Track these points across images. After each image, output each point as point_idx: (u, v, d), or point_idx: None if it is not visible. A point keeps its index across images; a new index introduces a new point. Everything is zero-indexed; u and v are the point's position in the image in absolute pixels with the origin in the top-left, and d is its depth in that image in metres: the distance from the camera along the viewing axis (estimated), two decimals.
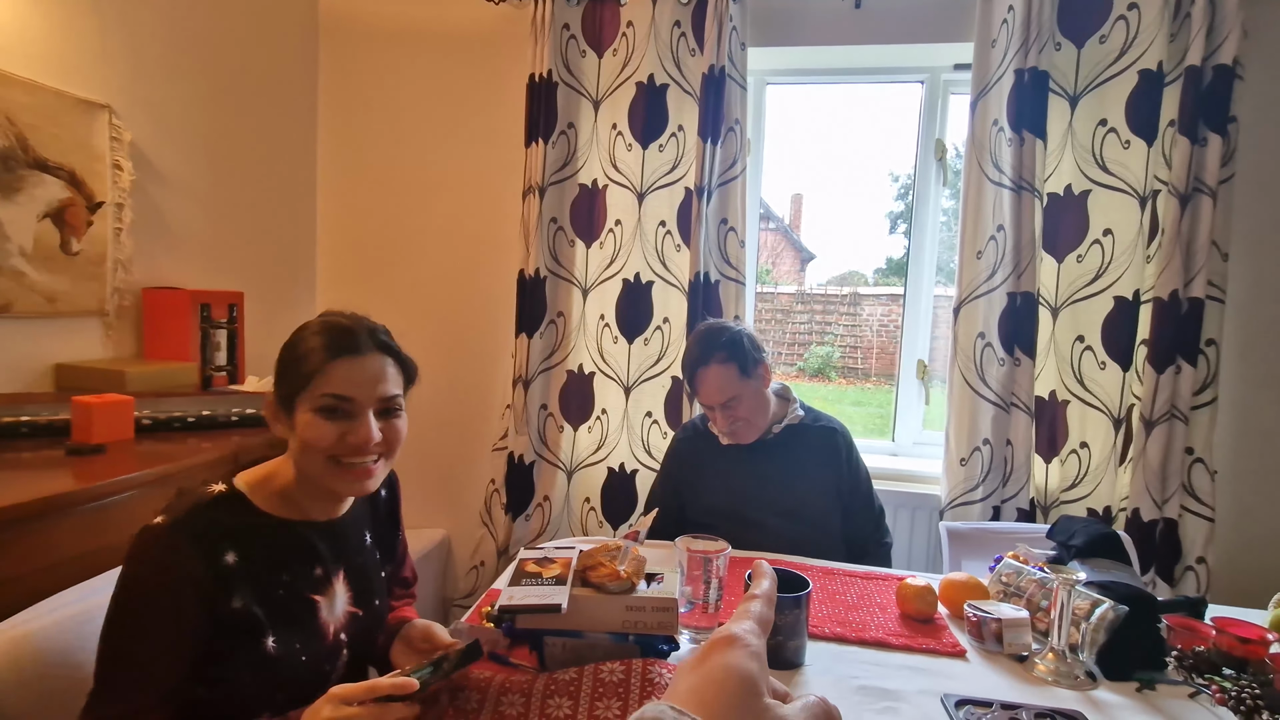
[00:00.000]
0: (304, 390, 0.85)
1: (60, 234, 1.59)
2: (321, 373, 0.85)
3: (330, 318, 0.91)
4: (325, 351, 0.86)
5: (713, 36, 2.00)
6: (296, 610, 0.85)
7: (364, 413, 0.87)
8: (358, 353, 0.87)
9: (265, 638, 0.80)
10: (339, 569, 0.92)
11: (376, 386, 0.88)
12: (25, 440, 1.31)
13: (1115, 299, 1.91)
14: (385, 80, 2.40)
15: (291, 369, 0.87)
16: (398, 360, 0.92)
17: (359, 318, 0.93)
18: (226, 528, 0.81)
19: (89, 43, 1.65)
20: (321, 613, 0.88)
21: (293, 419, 0.86)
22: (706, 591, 1.05)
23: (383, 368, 0.90)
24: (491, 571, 2.24)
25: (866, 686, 0.96)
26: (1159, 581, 1.84)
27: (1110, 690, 0.98)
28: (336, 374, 0.85)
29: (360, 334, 0.89)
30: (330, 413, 0.85)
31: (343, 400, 0.86)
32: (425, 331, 2.43)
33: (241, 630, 0.79)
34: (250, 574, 0.80)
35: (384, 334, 0.93)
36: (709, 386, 1.52)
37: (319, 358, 0.86)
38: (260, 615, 0.80)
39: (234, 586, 0.79)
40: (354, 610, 0.92)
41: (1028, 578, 1.17)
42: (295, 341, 0.89)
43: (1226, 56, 1.73)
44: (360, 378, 0.87)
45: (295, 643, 0.83)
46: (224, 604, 0.78)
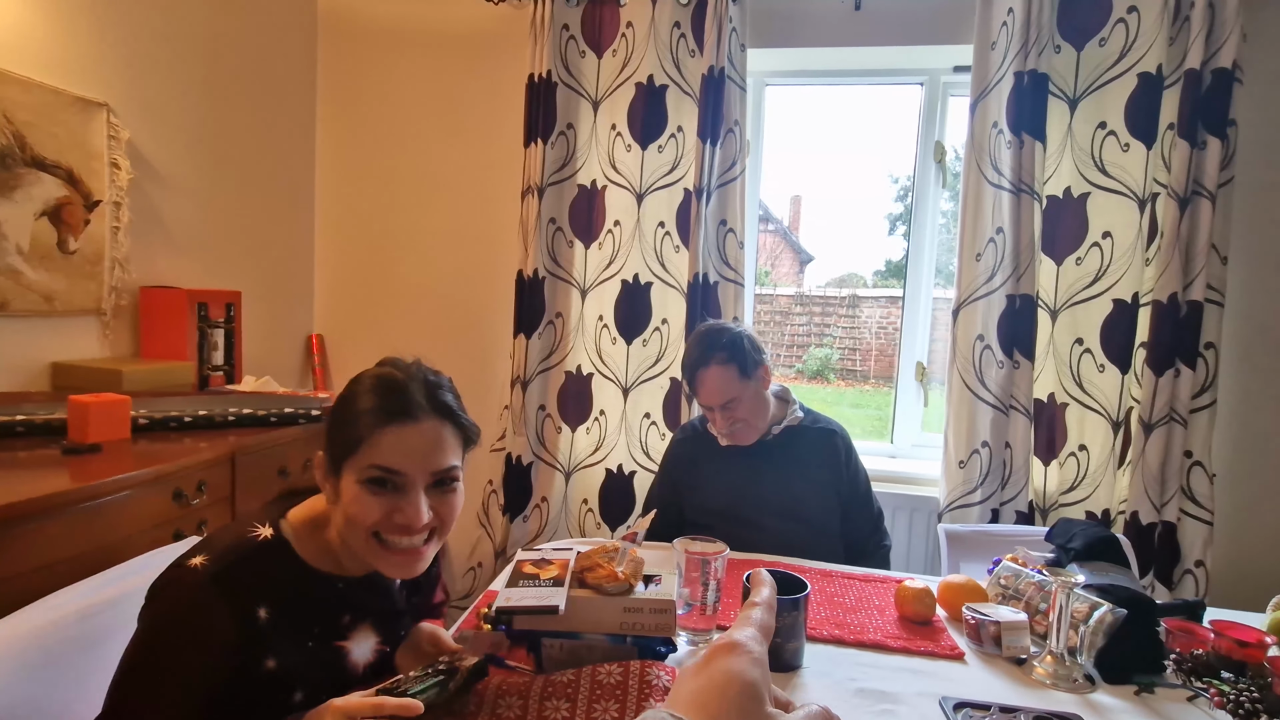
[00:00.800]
0: (350, 456, 0.78)
1: (57, 232, 1.59)
2: (369, 441, 0.77)
3: (387, 370, 0.83)
4: (375, 415, 0.78)
5: (712, 37, 2.00)
6: (326, 658, 0.82)
7: (415, 488, 0.79)
8: (412, 418, 0.79)
9: (294, 694, 0.78)
10: (367, 616, 0.88)
11: (431, 458, 0.80)
12: (21, 439, 1.31)
13: (1114, 301, 1.91)
14: (384, 80, 2.40)
15: (339, 430, 0.80)
16: (457, 425, 0.83)
17: (418, 370, 0.84)
18: (264, 581, 0.77)
19: (87, 41, 1.65)
20: (350, 657, 0.86)
21: (338, 484, 0.80)
22: (704, 593, 1.05)
23: (439, 435, 0.81)
24: (489, 573, 2.24)
25: (865, 689, 0.96)
26: (1158, 585, 1.84)
27: (1109, 693, 0.98)
28: (386, 443, 0.77)
29: (416, 394, 0.80)
30: (378, 485, 0.78)
31: (392, 474, 0.78)
32: (423, 331, 2.43)
33: (271, 689, 0.77)
34: (282, 628, 0.78)
35: (446, 391, 0.85)
36: (709, 387, 1.52)
37: (368, 422, 0.78)
38: (290, 673, 0.78)
39: (266, 645, 0.76)
40: (382, 648, 0.90)
41: (1026, 580, 1.17)
42: (348, 398, 0.81)
43: (1226, 60, 1.73)
44: (413, 448, 0.79)
45: (324, 695, 0.78)
46: (255, 662, 0.75)
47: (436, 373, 0.88)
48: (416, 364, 0.87)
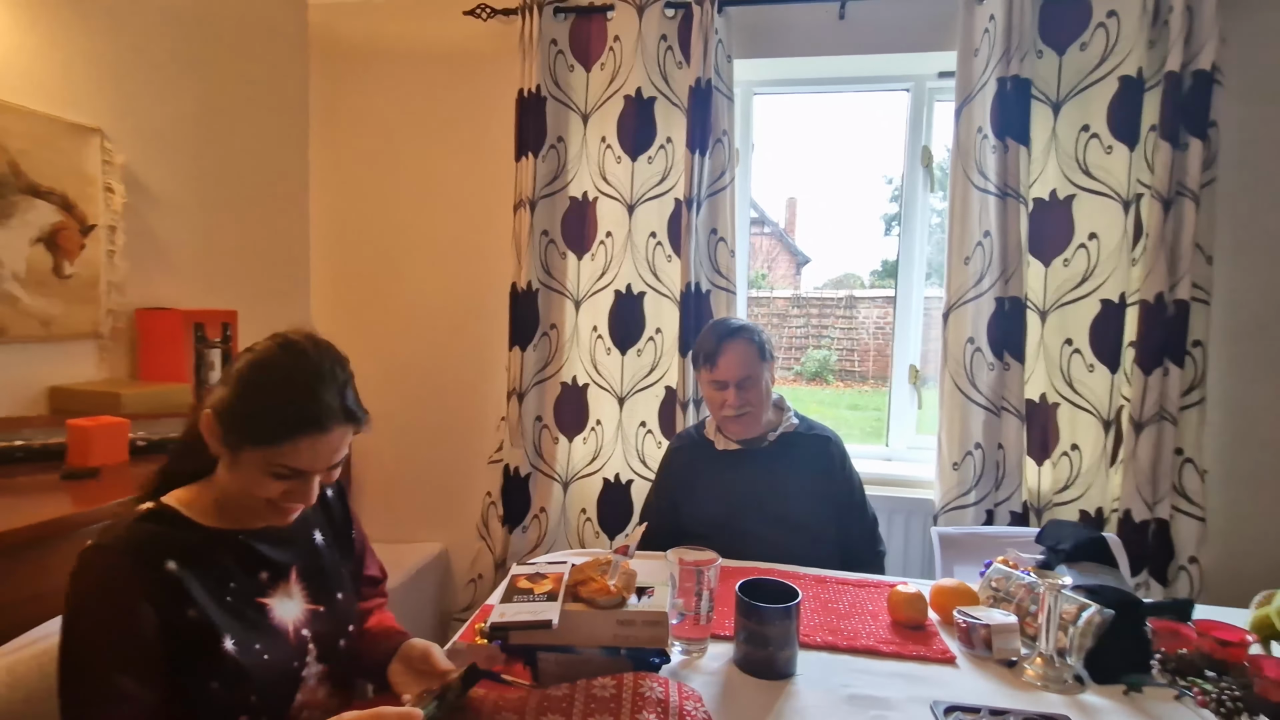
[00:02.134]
0: (256, 447, 0.81)
1: (53, 258, 1.60)
2: (280, 446, 0.80)
3: (301, 367, 0.83)
4: (290, 424, 0.80)
5: (699, 49, 2.02)
6: (249, 614, 0.84)
7: (310, 480, 0.85)
8: (324, 429, 0.82)
9: (223, 642, 0.79)
10: (288, 570, 0.91)
11: (332, 457, 0.85)
12: (21, 465, 1.32)
13: (1102, 302, 1.93)
14: (375, 98, 2.42)
15: (246, 417, 0.81)
16: (357, 424, 0.87)
17: (329, 364, 0.85)
18: (163, 539, 0.80)
19: (79, 67, 1.67)
20: (274, 614, 0.87)
21: (236, 456, 0.82)
22: (698, 603, 1.07)
23: (343, 436, 0.85)
24: (489, 584, 2.25)
25: (857, 695, 0.97)
26: (1152, 582, 1.85)
27: (1097, 694, 0.99)
28: (297, 450, 0.81)
29: (329, 399, 0.83)
30: (280, 477, 0.82)
31: (297, 472, 0.83)
32: (419, 346, 2.45)
33: (200, 638, 0.78)
34: (197, 581, 0.80)
35: (349, 389, 0.87)
36: (731, 358, 1.54)
37: (281, 428, 0.80)
38: (215, 621, 0.80)
39: (183, 595, 0.78)
40: (313, 607, 0.92)
41: (1016, 583, 1.19)
42: (258, 386, 0.82)
43: (1205, 63, 1.76)
44: (320, 453, 0.83)
45: (254, 644, 0.82)
46: (178, 613, 0.77)
47: (341, 361, 0.88)
48: (324, 353, 0.86)
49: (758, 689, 0.98)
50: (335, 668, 0.93)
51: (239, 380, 0.83)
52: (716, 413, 1.60)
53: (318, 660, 0.90)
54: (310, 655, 0.89)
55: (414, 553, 2.31)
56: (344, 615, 0.97)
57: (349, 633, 0.96)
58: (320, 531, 0.99)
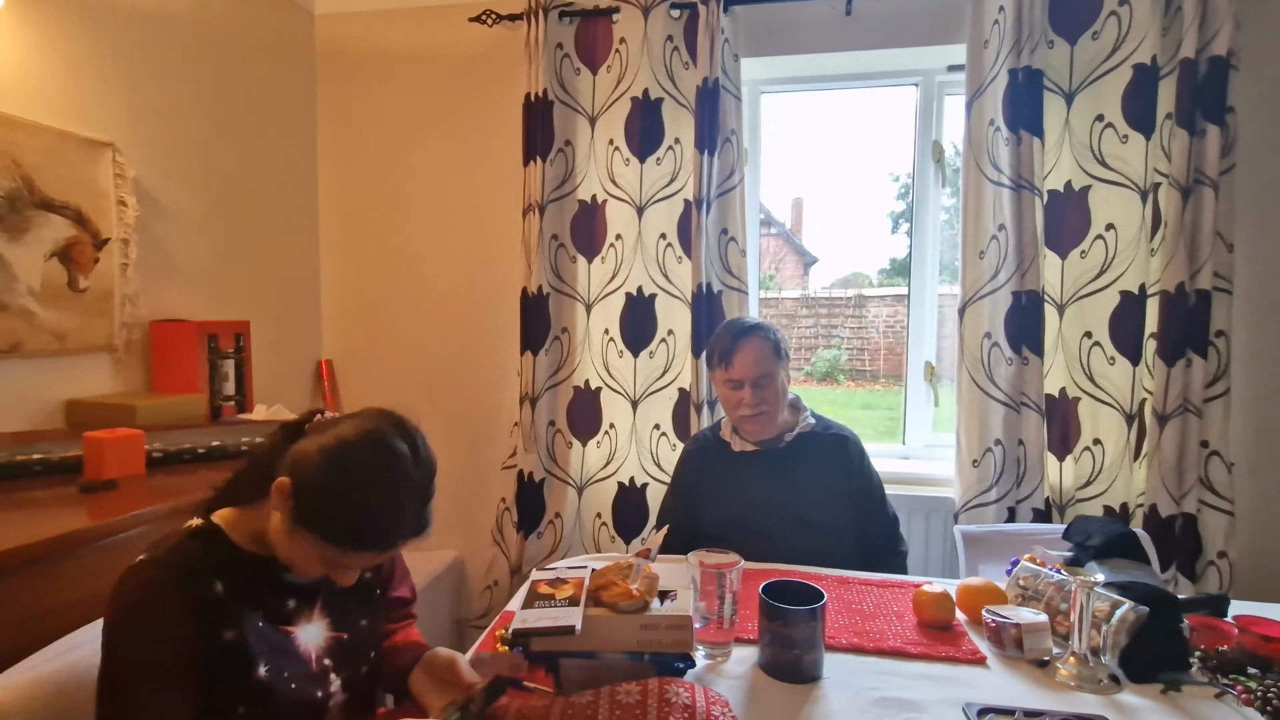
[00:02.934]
0: (316, 535, 0.78)
1: (68, 272, 1.61)
2: (346, 551, 0.80)
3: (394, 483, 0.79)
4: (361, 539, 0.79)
5: (705, 49, 2.01)
6: (277, 641, 0.84)
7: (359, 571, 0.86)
8: (391, 547, 0.82)
9: (257, 668, 0.79)
10: (314, 598, 0.90)
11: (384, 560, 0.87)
12: (39, 478, 1.32)
13: (1121, 293, 1.90)
14: (383, 106, 2.42)
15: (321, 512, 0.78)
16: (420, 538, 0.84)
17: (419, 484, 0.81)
18: (210, 560, 0.80)
19: (91, 83, 1.68)
20: (299, 642, 0.87)
21: (296, 529, 0.79)
22: (721, 606, 1.05)
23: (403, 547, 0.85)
24: (505, 591, 2.23)
25: (886, 698, 0.95)
26: (1180, 578, 1.81)
27: (1135, 693, 0.96)
28: (363, 558, 0.82)
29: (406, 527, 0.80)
30: (329, 565, 0.82)
31: (347, 567, 0.83)
32: (430, 352, 2.45)
33: (236, 661, 0.78)
34: (238, 605, 0.80)
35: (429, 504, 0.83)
36: (746, 357, 1.52)
37: (351, 539, 0.79)
38: (250, 645, 0.79)
39: (224, 617, 0.78)
40: (336, 635, 0.91)
41: (1045, 580, 1.16)
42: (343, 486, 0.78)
43: (1220, 48, 1.73)
44: (379, 561, 0.85)
45: (284, 672, 0.82)
46: (216, 635, 0.77)
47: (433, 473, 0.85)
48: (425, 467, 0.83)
49: (784, 693, 0.97)
50: (355, 693, 0.92)
51: (327, 465, 0.78)
52: (732, 413, 1.58)
53: (341, 689, 0.90)
54: (333, 684, 0.89)
55: (429, 560, 2.30)
56: (366, 642, 0.96)
57: (371, 658, 0.96)
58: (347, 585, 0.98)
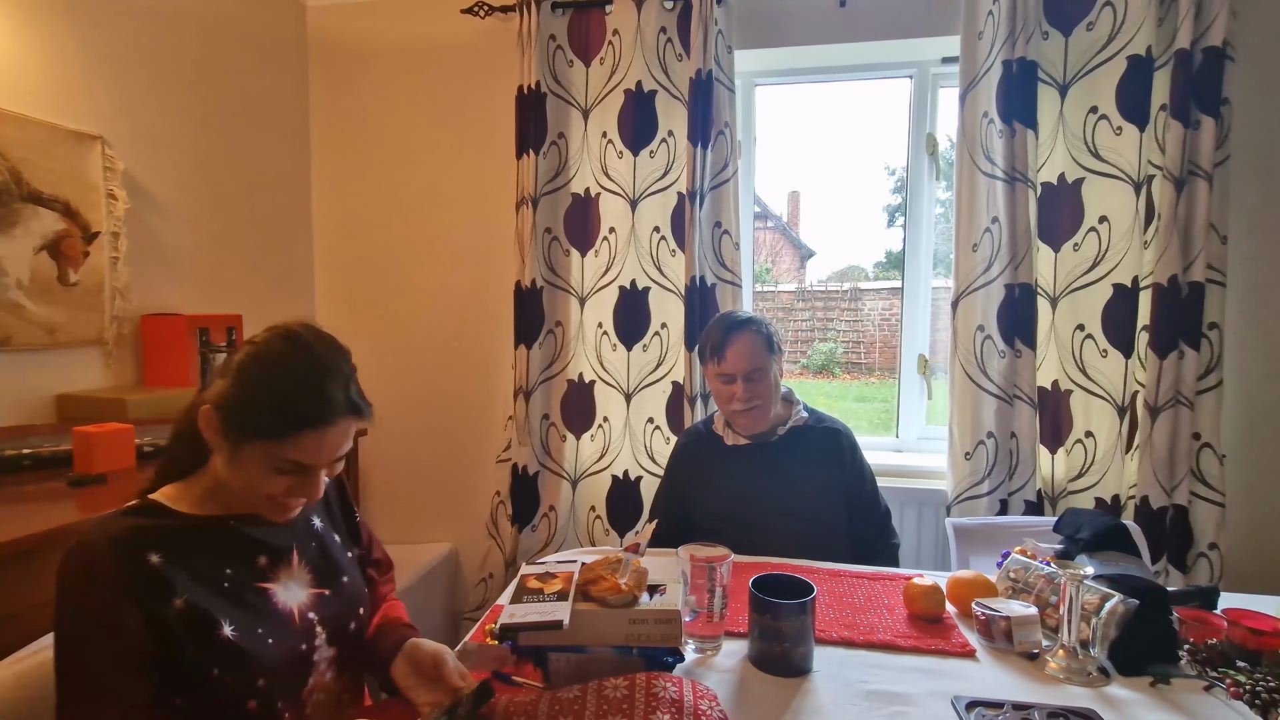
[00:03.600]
0: (259, 440, 0.80)
1: (57, 266, 1.60)
2: (285, 440, 0.80)
3: (304, 359, 0.83)
4: (295, 419, 0.80)
5: (698, 41, 2.00)
6: (249, 599, 0.83)
7: (316, 474, 0.84)
8: (331, 423, 0.82)
9: (220, 628, 0.78)
10: (290, 554, 0.90)
11: (337, 450, 0.84)
12: (28, 473, 1.32)
13: (1114, 286, 1.90)
14: (375, 98, 2.41)
15: (249, 408, 0.80)
16: (361, 416, 0.86)
17: (334, 357, 0.85)
18: (145, 532, 0.79)
19: (78, 75, 1.66)
20: (278, 597, 0.86)
21: (237, 451, 0.81)
22: (711, 600, 1.05)
23: (347, 430, 0.84)
24: (500, 583, 2.24)
25: (875, 691, 0.95)
26: (1171, 569, 1.82)
27: (1124, 686, 0.97)
28: (302, 444, 0.80)
29: (336, 393, 0.82)
30: (285, 473, 0.82)
31: (300, 466, 0.82)
32: (424, 346, 2.44)
33: (192, 626, 0.77)
34: (183, 571, 0.79)
35: (353, 382, 0.86)
36: (739, 350, 1.52)
37: (286, 422, 0.80)
38: (207, 607, 0.78)
39: (168, 585, 0.77)
40: (319, 591, 0.91)
41: (1036, 573, 1.16)
42: (260, 382, 0.81)
43: (1216, 38, 1.72)
44: (326, 447, 0.82)
45: (257, 628, 0.81)
46: (163, 604, 0.76)
47: (345, 353, 0.88)
48: (328, 345, 0.86)
49: (774, 686, 0.97)
50: (345, 651, 0.92)
51: (240, 373, 0.81)
52: (725, 407, 1.58)
53: (327, 644, 0.89)
54: (319, 638, 0.88)
55: (424, 552, 2.30)
56: (352, 599, 0.96)
57: (359, 615, 0.96)
58: (318, 518, 0.98)
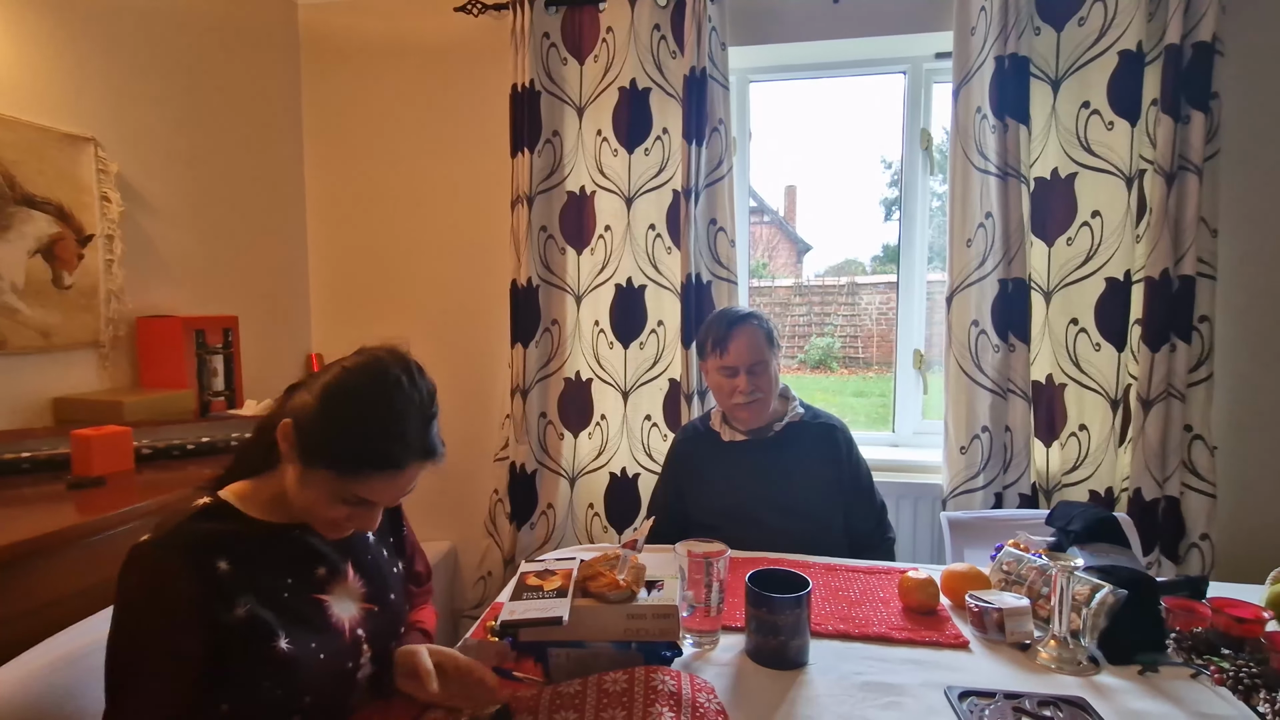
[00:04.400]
0: (329, 471, 0.80)
1: (51, 269, 1.60)
2: (356, 479, 0.80)
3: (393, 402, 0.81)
4: (371, 462, 0.80)
5: (692, 38, 2.00)
6: (306, 612, 0.83)
7: (375, 509, 0.85)
8: (401, 468, 0.82)
9: (277, 640, 0.78)
10: (345, 566, 0.90)
11: (403, 492, 0.85)
12: (27, 476, 1.32)
13: (1107, 280, 1.91)
14: (369, 97, 2.40)
15: (328, 445, 0.80)
16: (435, 460, 0.85)
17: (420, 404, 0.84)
18: (216, 536, 0.79)
19: (69, 77, 1.66)
20: (332, 611, 0.86)
21: (308, 472, 0.81)
22: (708, 595, 1.06)
23: (417, 473, 0.84)
24: (499, 581, 2.25)
25: (870, 682, 0.97)
26: (1164, 560, 1.84)
27: (1113, 674, 0.98)
28: (373, 485, 0.81)
29: (413, 438, 0.82)
30: (348, 504, 0.82)
31: (365, 502, 0.83)
32: (421, 344, 2.44)
33: (251, 636, 0.77)
34: (249, 579, 0.79)
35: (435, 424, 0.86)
36: (742, 343, 1.54)
37: (361, 464, 0.80)
38: (267, 618, 0.78)
39: (233, 594, 0.77)
40: (369, 606, 0.91)
41: (1028, 565, 1.18)
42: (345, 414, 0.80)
43: (1205, 34, 1.73)
44: (393, 489, 0.83)
45: (310, 642, 0.81)
46: (225, 612, 0.76)
47: (433, 395, 0.88)
48: (421, 388, 0.85)
49: (770, 679, 0.98)
50: (383, 669, 0.92)
51: (326, 399, 0.81)
52: (726, 400, 1.59)
53: (371, 662, 0.89)
54: (364, 655, 0.88)
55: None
56: (397, 616, 0.95)
57: (399, 635, 0.96)
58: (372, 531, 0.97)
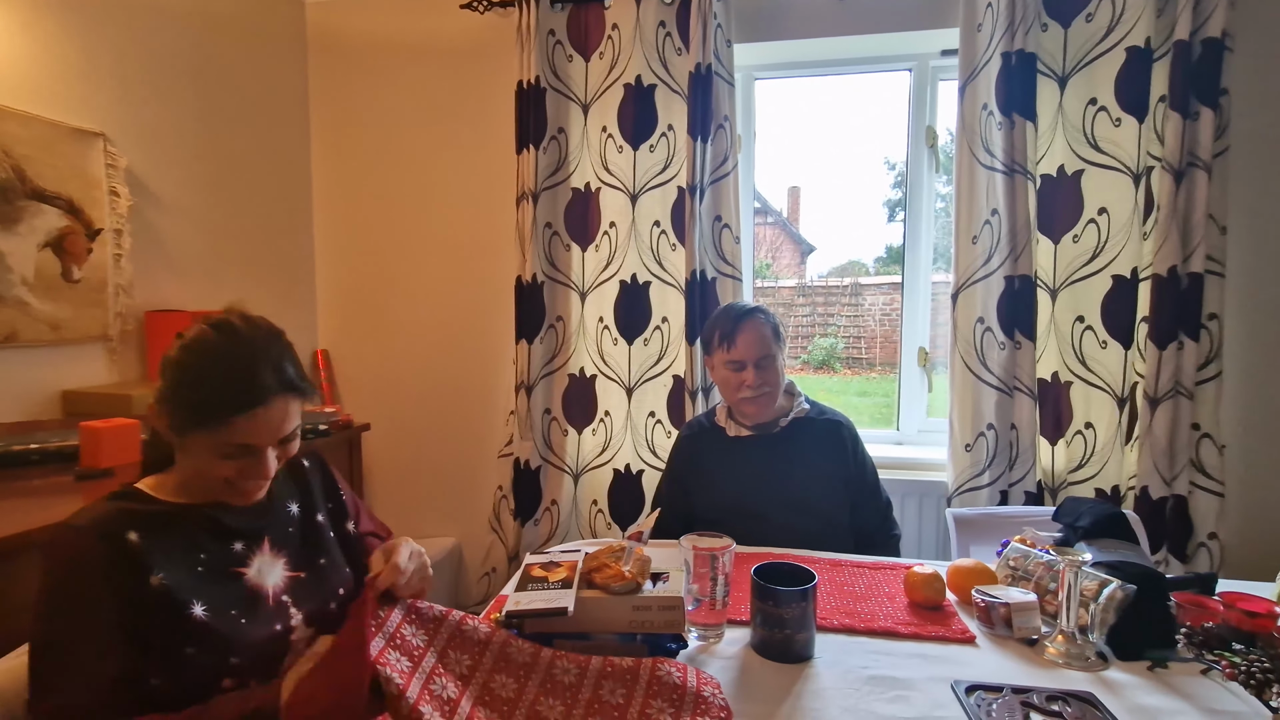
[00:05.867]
0: (200, 430, 0.81)
1: (61, 262, 1.61)
2: (222, 425, 0.80)
3: (231, 346, 0.83)
4: (226, 405, 0.80)
5: (698, 35, 2.00)
6: (223, 582, 0.85)
7: (264, 454, 0.85)
8: (263, 403, 0.82)
9: (192, 608, 0.79)
10: (260, 539, 0.91)
11: (279, 430, 0.85)
12: (36, 467, 1.33)
13: (1114, 278, 1.91)
14: (375, 94, 2.41)
15: (184, 402, 0.81)
16: (300, 394, 0.87)
17: (263, 340, 0.85)
18: (126, 513, 0.81)
19: (80, 72, 1.67)
20: (250, 581, 0.87)
21: (184, 441, 0.83)
22: (713, 588, 1.06)
23: (286, 409, 0.85)
24: (503, 577, 2.25)
25: (876, 676, 0.96)
26: (1171, 559, 1.83)
27: (1122, 670, 0.98)
28: (238, 427, 0.81)
29: (265, 376, 0.82)
30: (231, 457, 0.83)
31: (245, 449, 0.83)
32: (426, 341, 2.45)
33: (166, 605, 0.79)
34: (160, 552, 0.81)
35: (288, 361, 0.86)
36: (749, 337, 1.54)
37: (218, 410, 0.80)
38: (180, 587, 0.80)
39: (146, 564, 0.79)
40: (294, 574, 0.92)
41: (1035, 561, 1.17)
42: (192, 372, 0.81)
43: (1215, 29, 1.72)
44: (264, 427, 0.83)
45: (230, 610, 0.83)
46: (141, 581, 0.78)
47: (275, 335, 0.88)
48: (258, 329, 0.86)
49: (776, 672, 0.98)
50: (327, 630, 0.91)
51: (174, 367, 0.82)
52: (733, 395, 1.59)
53: (305, 624, 0.90)
54: (294, 619, 0.89)
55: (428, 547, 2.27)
56: (331, 580, 0.96)
57: (339, 595, 0.96)
58: (295, 501, 0.99)
